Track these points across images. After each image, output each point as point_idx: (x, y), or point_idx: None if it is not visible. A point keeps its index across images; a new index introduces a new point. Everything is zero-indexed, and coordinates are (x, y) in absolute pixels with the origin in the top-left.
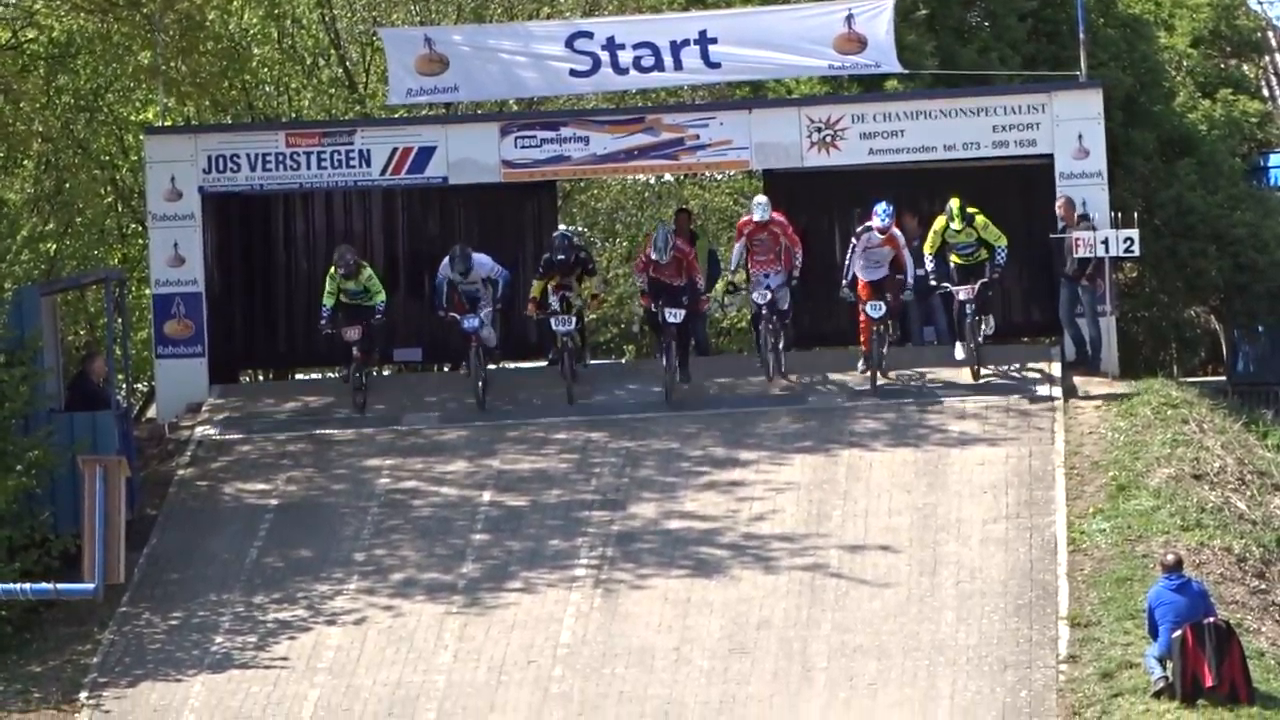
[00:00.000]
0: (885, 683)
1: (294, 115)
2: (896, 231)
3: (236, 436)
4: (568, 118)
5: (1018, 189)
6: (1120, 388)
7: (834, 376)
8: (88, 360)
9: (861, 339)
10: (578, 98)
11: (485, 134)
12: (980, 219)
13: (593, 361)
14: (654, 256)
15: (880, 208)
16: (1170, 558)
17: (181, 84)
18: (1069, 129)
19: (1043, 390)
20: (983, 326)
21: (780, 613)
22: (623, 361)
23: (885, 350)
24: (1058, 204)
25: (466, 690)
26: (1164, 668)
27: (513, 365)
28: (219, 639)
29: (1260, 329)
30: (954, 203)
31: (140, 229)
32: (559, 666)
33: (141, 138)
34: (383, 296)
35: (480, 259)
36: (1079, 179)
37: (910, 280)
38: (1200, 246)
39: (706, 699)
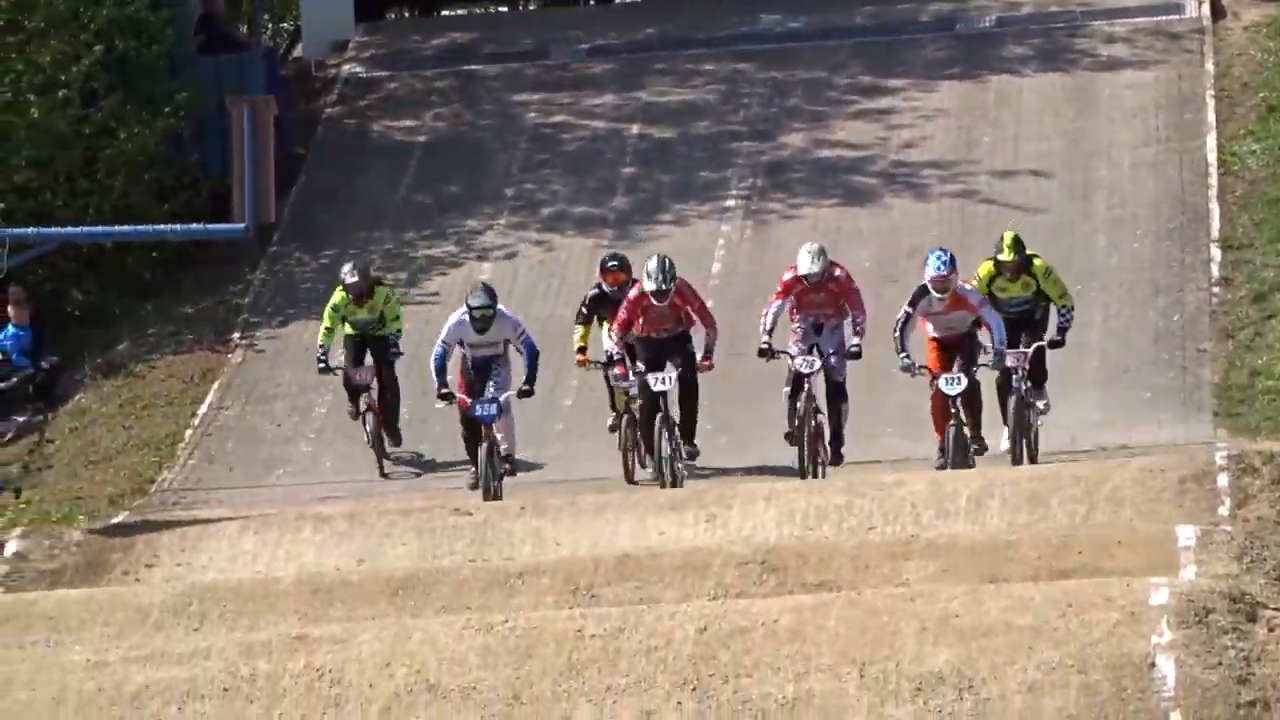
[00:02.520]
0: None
1: None
2: (967, 287)
3: (383, 74)
4: None
5: None
6: (1270, 9)
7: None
8: (210, 1)
9: (934, 427)
10: None
11: None
12: (1039, 263)
13: None
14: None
15: (933, 258)
16: None
17: None
18: None
19: (1192, 11)
20: (1038, 406)
21: (931, 240)
22: None
23: (967, 454)
24: None
25: None
26: None
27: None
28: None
29: None
30: (1006, 236)
31: None
32: (710, 298)
33: None
34: (401, 324)
35: (507, 312)
36: None
37: (997, 343)
38: None
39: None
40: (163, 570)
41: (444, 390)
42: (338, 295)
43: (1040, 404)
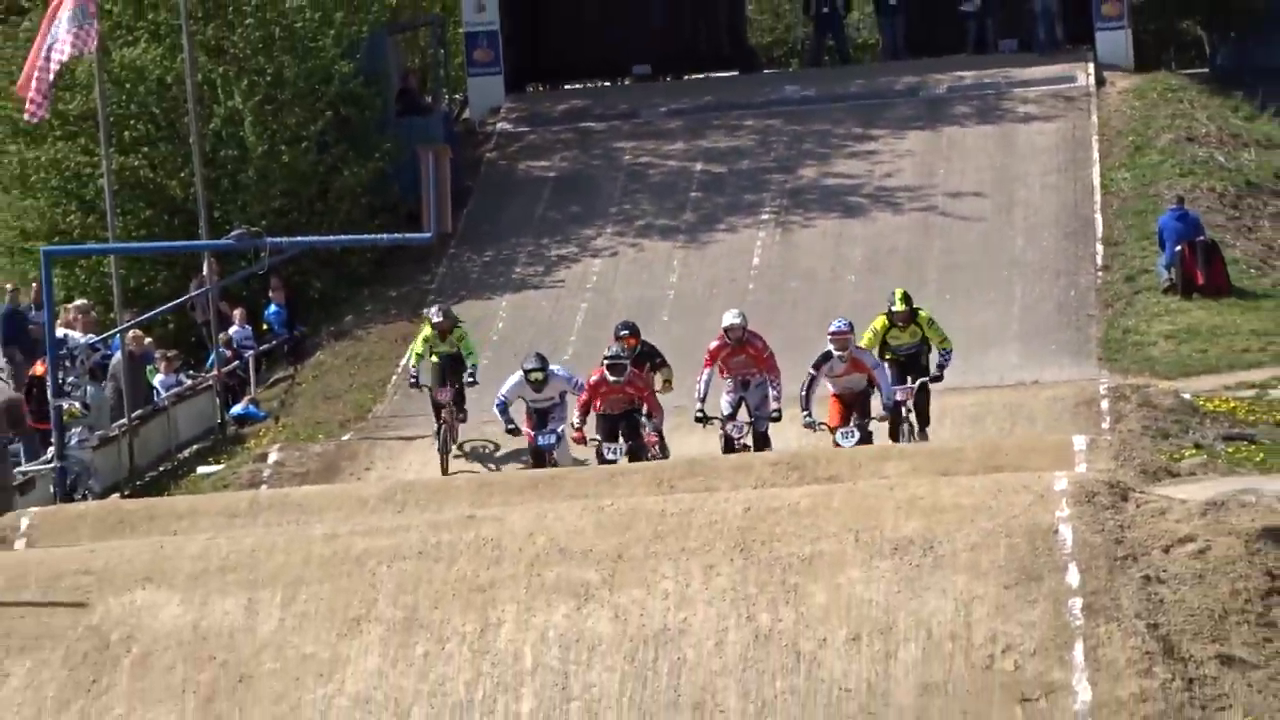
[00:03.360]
0: (977, 287)
1: None
2: (861, 350)
3: (525, 129)
4: None
5: None
6: (1136, 79)
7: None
8: (406, 79)
9: None
10: None
11: None
12: (924, 314)
13: (767, 70)
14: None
15: (836, 323)
16: (1173, 195)
17: None
18: None
19: (1081, 81)
20: (921, 439)
21: (904, 242)
22: (789, 71)
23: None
24: None
25: (688, 299)
26: (1169, 272)
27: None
28: (517, 269)
29: (1232, 34)
30: (897, 292)
31: None
32: (751, 283)
33: None
34: (475, 358)
35: (557, 370)
36: None
37: (886, 399)
38: None
39: (854, 301)
40: (376, 473)
41: (510, 426)
42: (426, 330)
43: (922, 436)
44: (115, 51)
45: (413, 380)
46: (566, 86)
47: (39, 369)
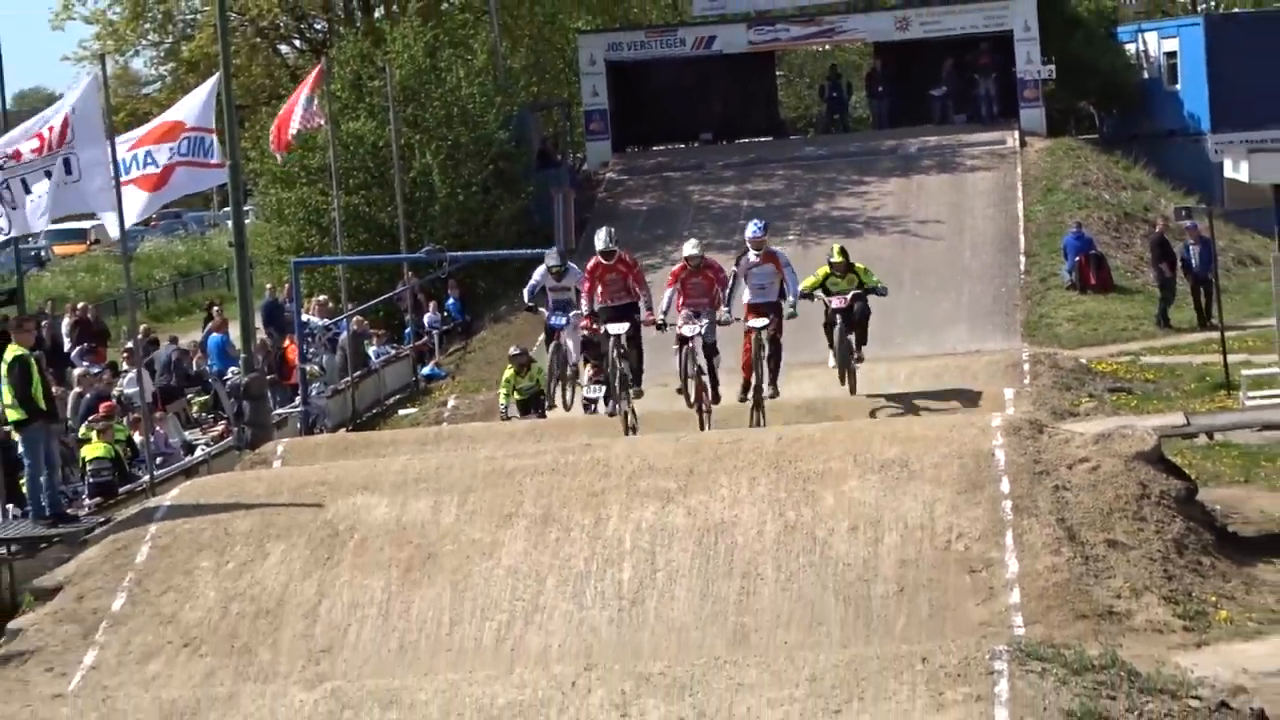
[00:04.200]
0: (938, 286)
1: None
2: (776, 248)
3: (625, 178)
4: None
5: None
6: (1048, 142)
7: None
8: (543, 143)
9: (744, 360)
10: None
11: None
12: (860, 266)
13: (793, 136)
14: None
15: (752, 224)
16: (1073, 222)
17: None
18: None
19: (1011, 143)
20: (859, 352)
21: (887, 254)
22: (808, 136)
23: (764, 369)
24: None
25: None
26: (1070, 275)
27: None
28: None
29: (1114, 110)
30: (835, 246)
31: (576, 79)
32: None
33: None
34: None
35: (574, 268)
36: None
37: (794, 299)
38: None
39: None
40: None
41: (530, 305)
42: (509, 371)
43: (858, 353)
44: (343, 124)
45: (503, 416)
46: (654, 148)
47: (290, 346)
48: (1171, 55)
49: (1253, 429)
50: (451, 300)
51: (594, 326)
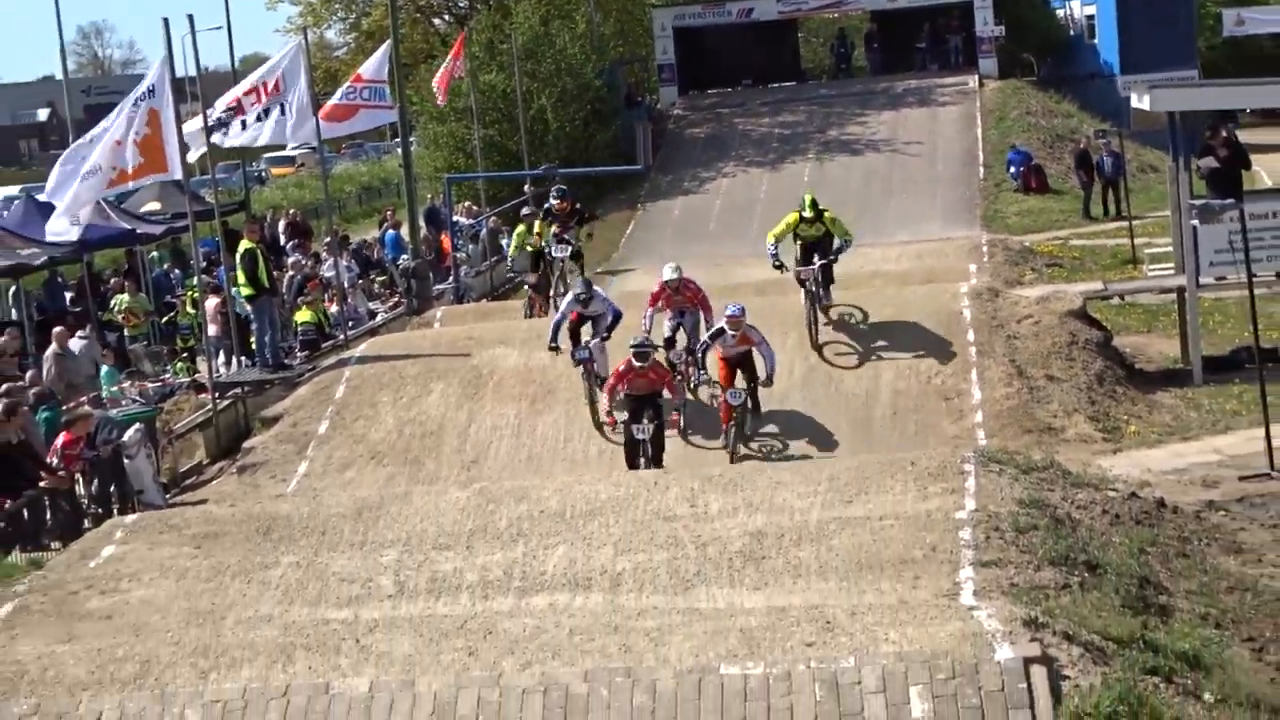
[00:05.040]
0: (920, 190)
1: None
2: (752, 328)
3: (688, 114)
4: None
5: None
6: (999, 84)
7: None
8: (629, 89)
9: (722, 419)
10: None
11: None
12: (829, 214)
13: (810, 81)
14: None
15: (729, 305)
16: (1018, 142)
17: None
18: None
19: (972, 84)
20: (828, 299)
21: (881, 168)
22: (821, 81)
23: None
24: None
25: (772, 199)
26: (1016, 181)
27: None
28: (684, 184)
29: (1048, 58)
30: (807, 197)
31: (651, 41)
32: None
33: (650, 10)
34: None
35: (600, 292)
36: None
37: (769, 373)
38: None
39: (854, 190)
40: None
41: (553, 346)
42: (520, 227)
43: (827, 300)
44: (481, 76)
45: (510, 270)
46: (708, 91)
47: (446, 241)
48: (1091, 17)
49: (1153, 292)
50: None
51: (614, 424)
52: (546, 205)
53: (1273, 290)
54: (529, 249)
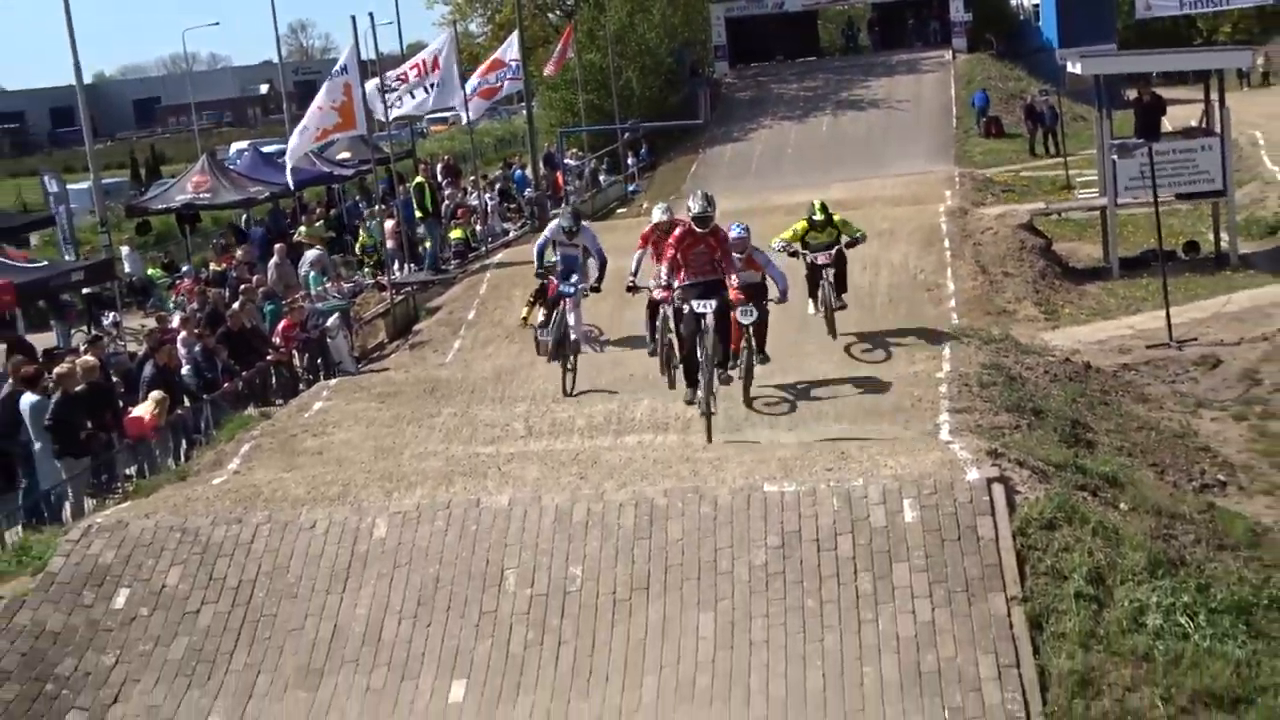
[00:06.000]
0: (909, 137)
1: None
2: (758, 249)
3: (735, 82)
4: None
5: None
6: (968, 57)
7: None
8: (693, 64)
9: (732, 344)
10: None
11: None
12: (838, 217)
13: (826, 57)
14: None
15: (734, 226)
16: (980, 98)
17: None
18: None
19: (947, 56)
20: (840, 300)
21: (879, 122)
22: (835, 56)
23: (754, 360)
24: None
25: (801, 146)
26: (979, 129)
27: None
28: (734, 135)
29: (1007, 35)
30: (816, 203)
31: (709, 28)
32: (819, 136)
33: (708, 5)
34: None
35: (588, 227)
36: None
37: (783, 290)
38: (989, 19)
39: (859, 138)
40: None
41: (539, 271)
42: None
43: (838, 300)
44: (583, 55)
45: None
46: (751, 65)
47: (559, 177)
48: (1036, 5)
49: (1082, 210)
50: (644, 149)
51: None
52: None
53: (1171, 207)
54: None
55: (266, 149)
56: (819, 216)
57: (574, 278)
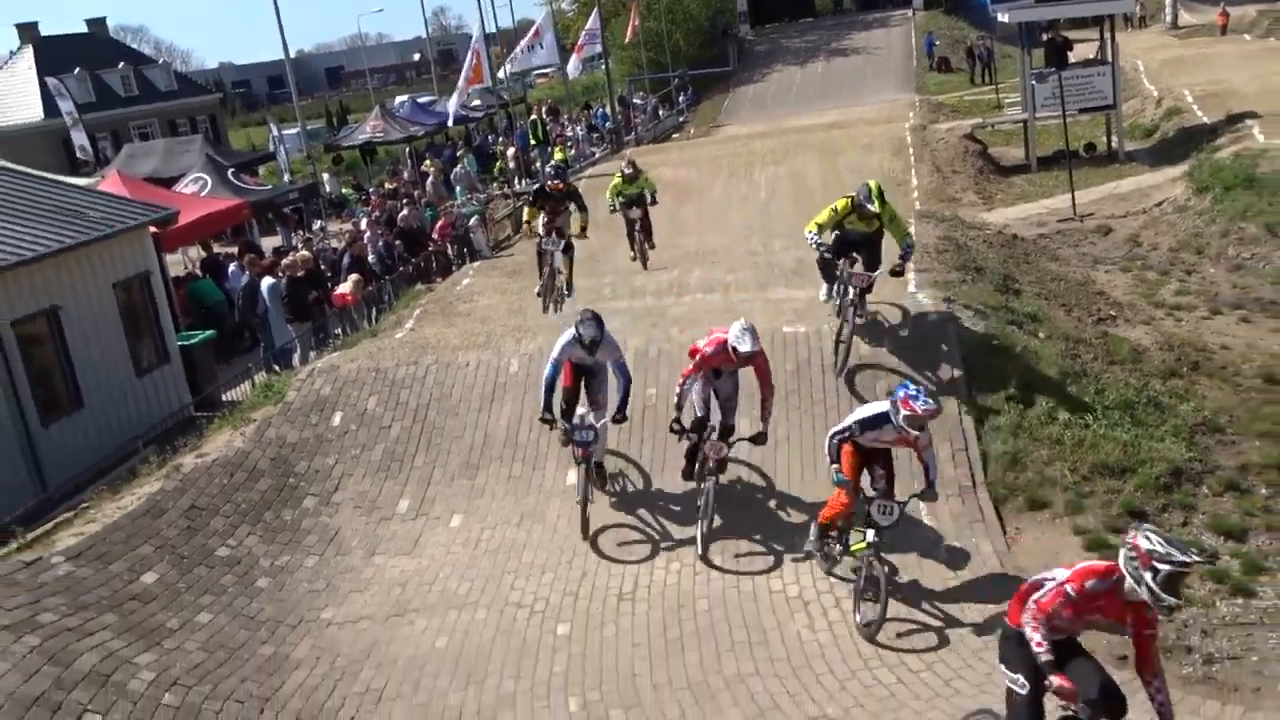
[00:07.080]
0: (881, 77)
1: None
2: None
3: (756, 39)
4: None
5: None
6: (925, 13)
7: None
8: (725, 26)
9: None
10: None
11: None
12: (889, 210)
13: (820, 16)
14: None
15: (922, 401)
16: (934, 42)
17: None
18: None
19: (907, 13)
20: (864, 313)
21: (861, 65)
22: (828, 15)
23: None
24: None
25: (805, 87)
26: (932, 65)
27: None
28: (754, 79)
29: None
30: (872, 184)
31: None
32: (816, 78)
33: None
34: (653, 185)
35: (611, 337)
36: None
37: (932, 478)
38: None
39: (847, 76)
40: (719, 134)
41: (547, 416)
42: (616, 179)
43: (863, 310)
44: (645, 23)
45: (612, 209)
46: (767, 24)
47: (630, 113)
48: None
49: (1010, 123)
50: (689, 91)
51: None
52: (538, 185)
53: (1075, 119)
54: (621, 199)
55: (421, 100)
56: (875, 207)
57: (589, 419)
